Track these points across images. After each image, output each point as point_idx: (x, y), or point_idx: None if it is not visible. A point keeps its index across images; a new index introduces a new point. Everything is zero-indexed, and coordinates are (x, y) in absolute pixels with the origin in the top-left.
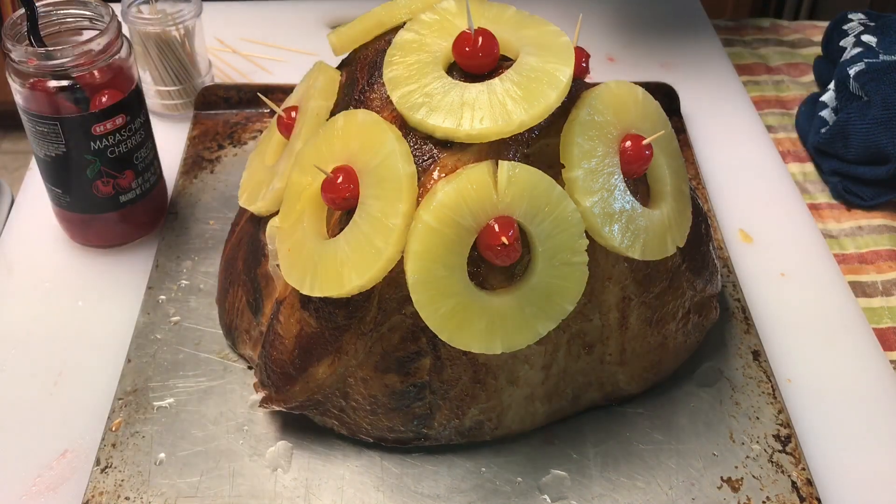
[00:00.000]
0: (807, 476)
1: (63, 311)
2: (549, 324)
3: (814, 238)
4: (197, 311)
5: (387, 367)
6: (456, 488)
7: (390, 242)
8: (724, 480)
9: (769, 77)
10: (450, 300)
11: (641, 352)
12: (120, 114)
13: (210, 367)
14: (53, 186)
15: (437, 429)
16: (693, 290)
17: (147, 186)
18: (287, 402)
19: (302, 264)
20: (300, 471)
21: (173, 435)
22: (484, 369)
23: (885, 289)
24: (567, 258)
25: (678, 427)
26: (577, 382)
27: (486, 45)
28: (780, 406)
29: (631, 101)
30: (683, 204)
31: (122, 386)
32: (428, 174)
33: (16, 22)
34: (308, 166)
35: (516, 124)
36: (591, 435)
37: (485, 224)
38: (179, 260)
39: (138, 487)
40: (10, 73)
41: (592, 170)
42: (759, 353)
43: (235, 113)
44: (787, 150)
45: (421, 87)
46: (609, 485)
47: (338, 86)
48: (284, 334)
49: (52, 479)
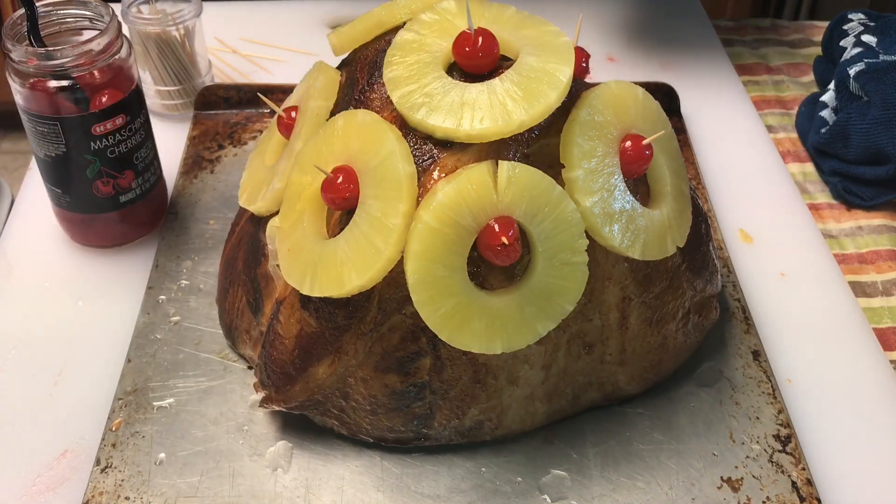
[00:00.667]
0: (807, 476)
1: (63, 311)
2: (549, 324)
3: (814, 238)
4: (197, 311)
5: (387, 367)
6: (456, 488)
7: (390, 242)
8: (724, 480)
9: (769, 77)
10: (450, 300)
11: (641, 352)
12: (120, 114)
13: (210, 367)
14: (53, 186)
15: (437, 429)
16: (693, 290)
17: (147, 186)
18: (287, 402)
19: (302, 264)
20: (300, 471)
21: (173, 435)
22: (484, 369)
23: (885, 289)
24: (567, 258)
25: (678, 427)
26: (577, 382)
27: (486, 45)
28: (780, 406)
29: (631, 100)
30: (683, 204)
31: (122, 386)
32: (428, 174)
33: (16, 22)
34: (308, 166)
35: (516, 124)
36: (591, 435)
37: (485, 224)
38: (179, 260)
39: (138, 487)
40: (10, 73)
41: (592, 170)
42: (759, 353)
43: (235, 113)
44: (787, 150)
45: (421, 87)
46: (609, 485)
47: (338, 86)
48: (284, 334)
49: (52, 479)
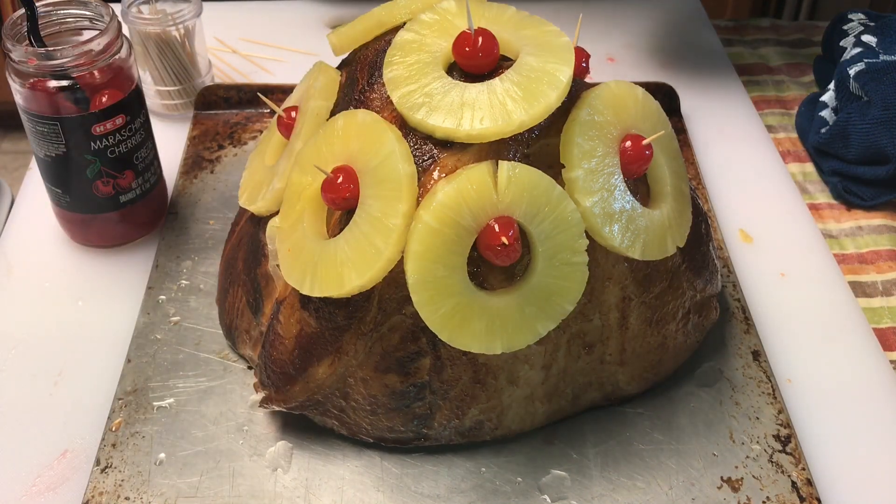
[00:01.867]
0: (807, 476)
1: (63, 311)
2: (549, 324)
3: (814, 238)
4: (197, 311)
5: (387, 368)
6: (456, 488)
7: (390, 242)
8: (724, 480)
9: (769, 77)
10: (450, 300)
11: (641, 352)
12: (120, 114)
13: (210, 368)
14: (53, 186)
15: (437, 429)
16: (693, 290)
17: (147, 186)
18: (287, 402)
19: (302, 264)
20: (300, 471)
21: (173, 435)
22: (484, 369)
23: (885, 289)
24: (567, 258)
25: (678, 427)
26: (577, 382)
27: (486, 46)
28: (780, 406)
29: (631, 100)
30: (683, 204)
31: (122, 386)
32: (428, 174)
33: (16, 22)
34: (308, 166)
35: (516, 124)
36: (591, 435)
37: (485, 224)
38: (179, 260)
39: (138, 487)
40: (11, 73)
41: (592, 170)
42: (759, 354)
43: (235, 113)
44: (787, 150)
45: (421, 87)
46: (609, 485)
47: (338, 86)
48: (284, 334)
49: (52, 479)
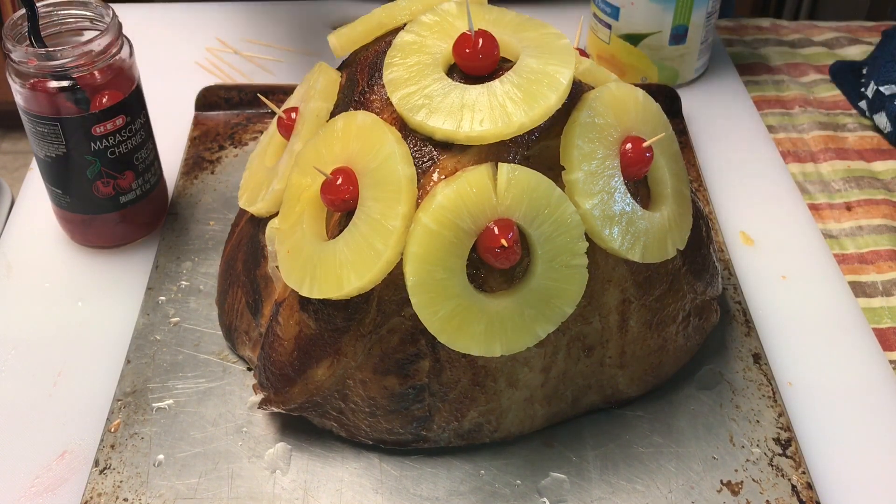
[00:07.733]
0: (807, 480)
1: (63, 311)
2: (548, 326)
3: (815, 241)
4: (197, 312)
5: (386, 370)
6: (455, 491)
7: (389, 244)
8: (724, 484)
9: (769, 77)
10: (449, 303)
11: (641, 354)
12: (120, 114)
13: (209, 369)
14: (53, 187)
15: (436, 431)
16: (693, 292)
17: (147, 187)
18: (286, 404)
19: (301, 266)
20: (299, 473)
21: (172, 436)
22: (483, 372)
23: (885, 289)
24: (567, 261)
25: (678, 430)
26: (576, 385)
27: (486, 47)
28: (781, 409)
29: (631, 103)
30: (684, 206)
31: (122, 387)
32: (427, 176)
33: (16, 22)
34: (307, 168)
35: (516, 126)
36: (591, 438)
37: (484, 226)
38: (179, 261)
39: (137, 489)
40: (11, 74)
41: (593, 172)
42: (760, 356)
43: (236, 114)
44: (787, 151)
45: (421, 88)
46: (608, 488)
47: (338, 87)
48: (284, 336)
49: (50, 480)
